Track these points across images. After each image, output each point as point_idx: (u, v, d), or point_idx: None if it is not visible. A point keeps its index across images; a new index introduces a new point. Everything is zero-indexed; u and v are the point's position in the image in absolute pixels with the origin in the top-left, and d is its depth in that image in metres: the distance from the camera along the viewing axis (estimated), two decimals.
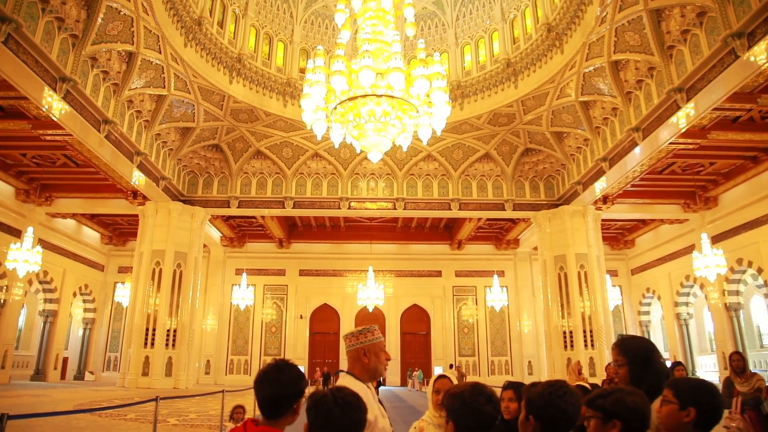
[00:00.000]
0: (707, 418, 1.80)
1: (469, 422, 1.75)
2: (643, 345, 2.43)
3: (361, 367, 2.46)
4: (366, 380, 2.43)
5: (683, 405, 1.78)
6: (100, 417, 11.81)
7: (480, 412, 1.75)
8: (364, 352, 2.46)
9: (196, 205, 22.13)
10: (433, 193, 22.54)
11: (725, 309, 22.52)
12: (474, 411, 1.75)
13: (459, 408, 1.77)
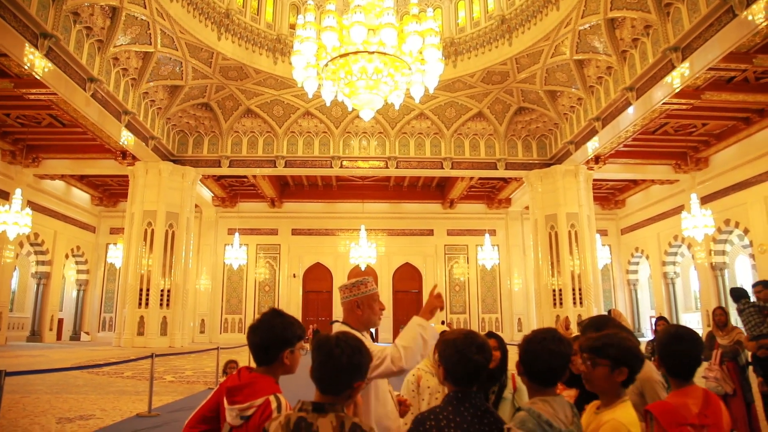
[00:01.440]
0: None
1: (458, 369, 1.79)
2: (598, 321, 2.57)
3: (355, 318, 2.52)
4: (360, 330, 2.49)
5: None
6: (98, 375, 11.99)
7: (470, 360, 1.79)
8: (358, 304, 2.52)
9: (186, 165, 21.94)
10: (426, 151, 22.45)
11: (711, 268, 22.90)
12: (464, 359, 1.79)
13: (450, 355, 1.81)
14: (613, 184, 27.74)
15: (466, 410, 1.74)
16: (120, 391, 9.63)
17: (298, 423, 1.59)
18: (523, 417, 1.72)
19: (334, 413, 1.61)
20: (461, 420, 1.71)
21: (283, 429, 1.59)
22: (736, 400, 5.35)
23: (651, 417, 1.84)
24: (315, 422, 1.58)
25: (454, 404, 1.76)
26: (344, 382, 1.66)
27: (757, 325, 4.96)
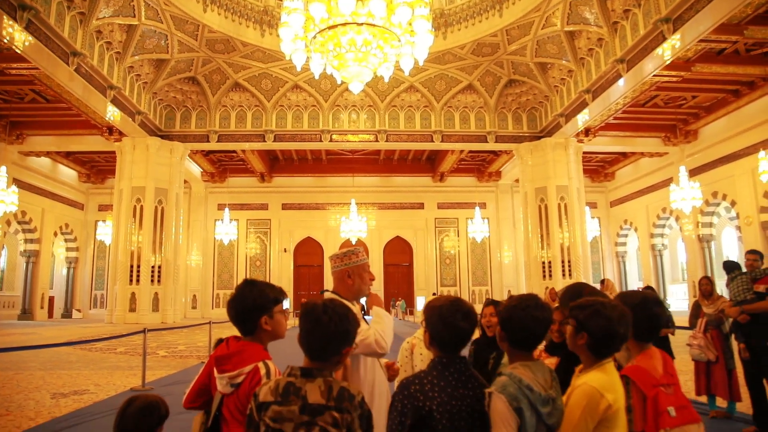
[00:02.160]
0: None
1: (443, 335, 1.82)
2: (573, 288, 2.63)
3: (345, 288, 2.55)
4: (350, 299, 2.52)
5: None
6: (90, 351, 12.04)
7: (455, 327, 1.81)
8: (348, 274, 2.56)
9: (174, 140, 21.71)
10: (416, 124, 22.35)
11: (698, 240, 23.19)
12: (449, 325, 1.81)
13: (436, 321, 1.83)
14: (603, 157, 27.82)
15: (450, 375, 1.78)
16: (113, 366, 9.68)
17: (287, 388, 1.61)
18: (505, 381, 1.74)
19: (323, 378, 1.64)
20: (445, 384, 1.75)
21: (273, 394, 1.61)
22: (718, 367, 5.49)
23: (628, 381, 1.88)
24: (303, 387, 1.61)
25: (439, 369, 1.79)
26: (332, 348, 1.68)
27: (742, 292, 5.06)
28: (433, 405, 1.70)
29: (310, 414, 1.57)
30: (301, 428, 1.56)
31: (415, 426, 1.70)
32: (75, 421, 5.53)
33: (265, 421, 1.58)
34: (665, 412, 1.88)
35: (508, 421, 1.67)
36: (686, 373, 7.06)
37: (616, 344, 1.85)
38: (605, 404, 1.71)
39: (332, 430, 1.56)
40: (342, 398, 1.61)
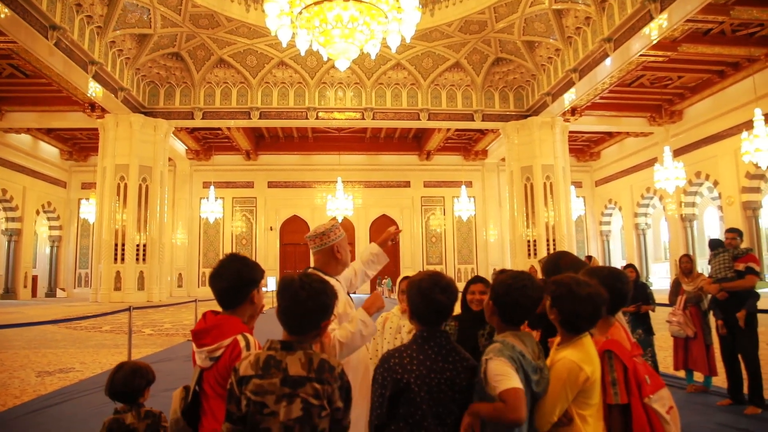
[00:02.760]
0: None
1: (422, 309, 1.86)
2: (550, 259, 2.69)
3: (335, 263, 2.57)
4: (337, 274, 2.56)
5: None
6: (76, 330, 12.00)
7: (434, 300, 1.84)
8: (337, 249, 2.58)
9: (158, 117, 21.41)
10: (402, 102, 22.24)
11: (681, 219, 23.52)
12: (428, 300, 1.84)
13: (415, 295, 1.87)
14: (589, 136, 27.95)
15: (430, 348, 1.81)
16: (99, 344, 9.67)
17: (267, 361, 1.62)
18: (499, 347, 1.79)
19: (303, 350, 1.65)
20: (424, 357, 1.78)
21: (253, 367, 1.62)
22: (696, 343, 5.62)
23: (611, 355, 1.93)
24: (284, 360, 1.62)
25: (419, 343, 1.83)
26: (311, 322, 1.70)
27: (722, 269, 5.16)
28: (411, 378, 1.73)
29: (292, 386, 1.59)
30: (282, 400, 1.57)
31: (394, 398, 1.73)
32: (61, 398, 5.54)
33: (246, 394, 1.59)
34: (644, 381, 1.95)
35: (511, 372, 1.69)
36: (666, 349, 7.22)
37: (583, 323, 1.89)
38: (584, 377, 1.78)
39: (313, 401, 1.58)
40: (323, 370, 1.63)
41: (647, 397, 1.92)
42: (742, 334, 4.96)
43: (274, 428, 1.56)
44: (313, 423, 1.58)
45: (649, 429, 1.87)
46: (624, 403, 1.89)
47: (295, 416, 1.56)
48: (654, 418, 1.90)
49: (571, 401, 1.79)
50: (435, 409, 1.75)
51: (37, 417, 4.88)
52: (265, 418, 1.57)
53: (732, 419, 4.58)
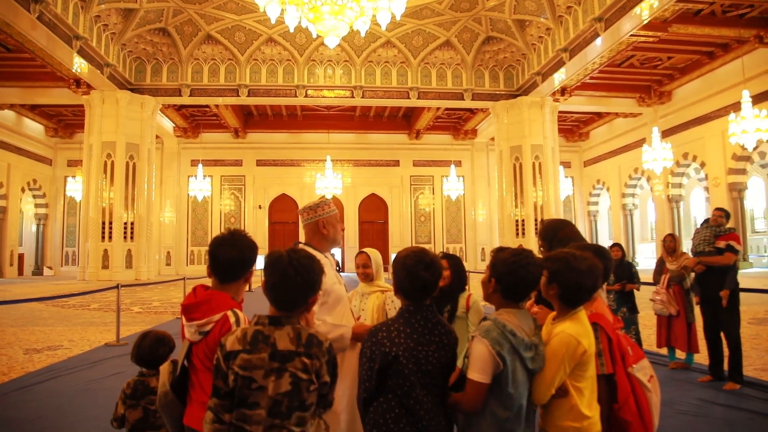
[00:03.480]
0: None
1: (407, 285, 1.90)
2: (552, 225, 2.66)
3: (320, 238, 2.57)
4: (324, 250, 2.56)
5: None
6: (63, 308, 11.96)
7: (418, 277, 1.88)
8: (323, 224, 2.57)
9: (145, 94, 21.11)
10: (392, 81, 22.08)
11: (668, 200, 23.75)
12: (413, 276, 1.89)
13: (400, 271, 1.91)
14: (578, 117, 27.98)
15: (416, 322, 1.85)
16: (87, 322, 9.67)
17: (255, 336, 1.63)
18: (488, 326, 1.83)
19: (291, 325, 1.65)
20: (411, 331, 1.82)
21: (240, 342, 1.62)
22: (678, 321, 5.73)
23: (597, 328, 2.01)
24: (272, 334, 1.63)
25: (405, 317, 1.87)
26: (299, 299, 1.71)
27: (703, 243, 5.25)
28: (399, 350, 1.77)
29: (280, 360, 1.60)
30: (271, 375, 1.59)
31: (383, 370, 1.77)
32: (49, 375, 5.55)
33: (234, 369, 1.60)
34: (627, 352, 2.04)
35: (485, 364, 1.75)
36: (650, 327, 7.35)
37: (585, 295, 1.95)
38: (582, 350, 1.84)
39: (302, 375, 1.60)
40: (311, 344, 1.64)
41: (630, 367, 2.01)
42: (723, 312, 5.06)
43: (263, 403, 1.58)
44: (301, 397, 1.60)
45: (632, 396, 1.96)
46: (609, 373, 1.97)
47: (284, 390, 1.58)
48: (637, 386, 1.99)
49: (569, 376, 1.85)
50: (422, 380, 1.79)
51: (25, 394, 4.90)
52: (253, 393, 1.58)
53: (712, 395, 4.70)
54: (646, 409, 1.98)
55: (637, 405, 1.97)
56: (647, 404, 1.99)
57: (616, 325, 2.12)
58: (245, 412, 1.59)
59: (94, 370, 5.84)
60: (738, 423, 3.94)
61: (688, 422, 3.98)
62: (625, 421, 1.94)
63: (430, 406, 1.79)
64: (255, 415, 1.58)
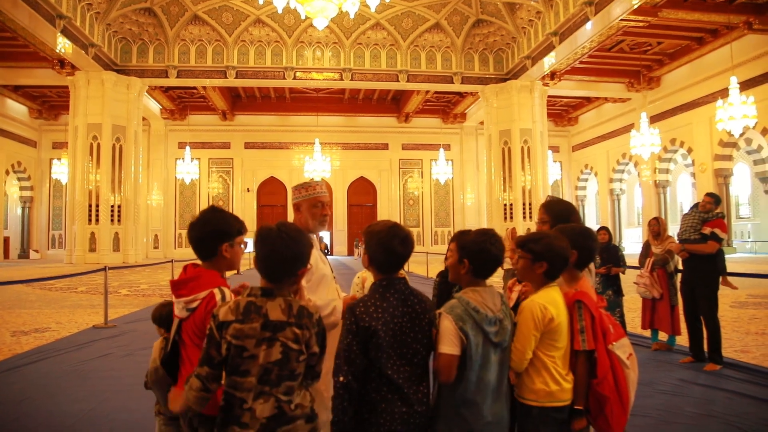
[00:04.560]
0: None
1: (381, 258, 1.94)
2: (566, 206, 2.69)
3: (302, 218, 2.60)
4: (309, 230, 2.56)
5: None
6: (50, 291, 11.90)
7: (393, 251, 1.93)
8: (297, 207, 2.61)
9: (131, 75, 20.82)
10: (381, 63, 21.95)
11: (655, 186, 23.95)
12: (387, 250, 1.93)
13: (374, 245, 1.94)
14: (567, 101, 28.03)
15: (391, 295, 1.89)
16: (74, 305, 9.63)
17: (247, 306, 1.67)
18: (453, 303, 1.91)
19: (282, 297, 1.71)
20: (387, 305, 1.87)
21: (233, 312, 1.66)
22: (662, 304, 5.82)
23: (581, 305, 2.08)
24: (264, 305, 1.67)
25: (380, 291, 1.91)
26: (289, 270, 1.76)
27: (689, 230, 5.31)
28: (378, 324, 1.82)
29: (272, 330, 1.65)
30: (263, 344, 1.63)
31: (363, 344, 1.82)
32: (37, 357, 5.54)
33: (227, 338, 1.64)
34: (608, 330, 2.11)
35: (452, 337, 1.85)
36: (634, 310, 7.47)
37: (566, 266, 2.10)
38: (549, 316, 1.95)
39: (293, 345, 1.65)
40: (302, 315, 1.69)
41: (611, 344, 2.08)
42: (702, 296, 5.15)
43: (253, 370, 1.63)
44: (291, 366, 1.65)
45: (611, 372, 2.05)
46: (590, 349, 2.05)
47: (275, 359, 1.63)
48: (616, 363, 2.07)
49: (540, 344, 1.97)
50: (400, 351, 1.86)
51: (13, 375, 4.89)
52: (245, 361, 1.63)
53: (692, 375, 4.80)
54: (623, 385, 2.06)
55: (615, 381, 2.05)
56: (625, 381, 2.07)
57: (599, 304, 2.19)
58: (236, 380, 1.64)
59: (82, 352, 5.83)
60: (717, 402, 4.03)
61: (669, 401, 4.07)
62: (602, 395, 2.02)
63: (408, 375, 1.86)
64: (246, 383, 1.63)
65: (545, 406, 1.98)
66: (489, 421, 1.89)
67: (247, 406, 1.62)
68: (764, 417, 3.66)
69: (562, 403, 2.00)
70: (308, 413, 1.70)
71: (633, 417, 3.20)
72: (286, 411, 1.63)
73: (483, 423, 1.88)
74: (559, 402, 1.99)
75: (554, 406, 1.98)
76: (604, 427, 2.05)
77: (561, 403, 1.99)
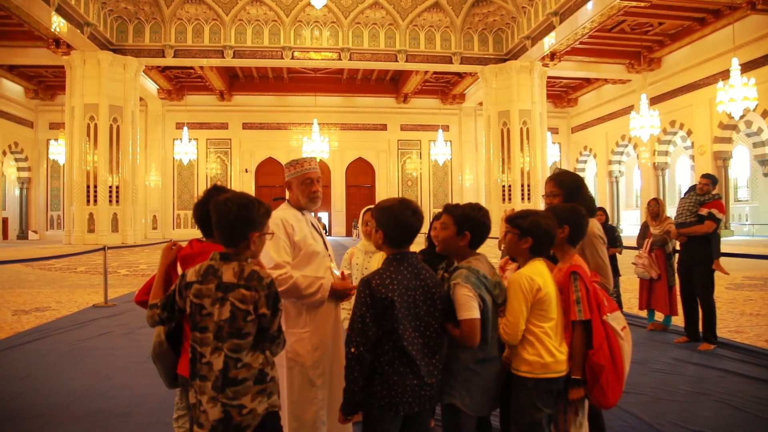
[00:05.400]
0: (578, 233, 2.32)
1: (395, 232, 2.02)
2: (575, 178, 2.75)
3: (293, 195, 2.63)
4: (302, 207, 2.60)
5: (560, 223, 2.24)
6: (50, 271, 11.94)
7: (406, 223, 2.01)
8: (289, 185, 2.63)
9: (127, 55, 20.63)
10: (380, 43, 21.76)
11: (653, 168, 23.92)
12: (401, 222, 2.01)
13: (388, 219, 2.02)
14: (567, 82, 27.86)
15: (405, 269, 1.98)
16: (74, 284, 9.67)
17: (207, 269, 1.83)
18: (466, 273, 2.03)
19: (237, 261, 1.85)
20: (402, 278, 1.95)
21: (196, 274, 1.84)
22: (660, 284, 5.86)
23: (577, 276, 2.16)
24: (220, 268, 1.83)
25: (395, 265, 1.99)
26: (238, 234, 1.87)
27: (685, 213, 5.32)
28: (394, 296, 1.91)
29: (224, 291, 1.80)
30: (216, 303, 1.79)
31: (377, 316, 1.90)
32: (38, 335, 5.58)
33: (190, 298, 1.81)
34: (602, 302, 2.20)
35: (473, 303, 1.97)
36: (630, 291, 7.52)
37: (551, 244, 2.18)
38: (536, 285, 2.04)
39: (240, 305, 1.78)
40: (251, 278, 1.82)
41: (605, 315, 2.16)
42: (699, 277, 5.19)
43: (210, 327, 1.78)
44: (238, 324, 1.78)
45: (606, 343, 2.12)
46: (586, 320, 2.13)
47: (225, 317, 1.78)
48: (611, 334, 2.15)
49: (531, 315, 2.06)
50: (414, 323, 1.94)
51: (15, 353, 4.94)
52: (204, 318, 1.80)
53: (686, 354, 4.86)
54: (618, 355, 2.14)
55: (610, 351, 2.12)
56: (620, 351, 2.15)
57: (593, 278, 2.26)
58: (197, 335, 1.80)
59: (83, 330, 5.88)
60: (709, 380, 4.10)
61: (663, 379, 4.13)
62: (598, 365, 2.09)
63: (420, 347, 1.94)
64: (205, 338, 1.79)
65: (540, 377, 2.05)
66: (498, 371, 2.08)
67: (205, 360, 1.78)
68: (756, 395, 3.72)
69: (557, 375, 2.07)
70: (256, 374, 1.80)
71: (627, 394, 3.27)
72: (230, 366, 1.76)
73: (495, 375, 2.07)
74: (553, 373, 2.06)
75: (549, 378, 2.06)
76: (600, 398, 2.13)
77: (555, 374, 2.07)
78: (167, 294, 1.90)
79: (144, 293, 2.23)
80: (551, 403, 2.09)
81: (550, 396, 2.08)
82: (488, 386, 2.05)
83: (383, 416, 1.92)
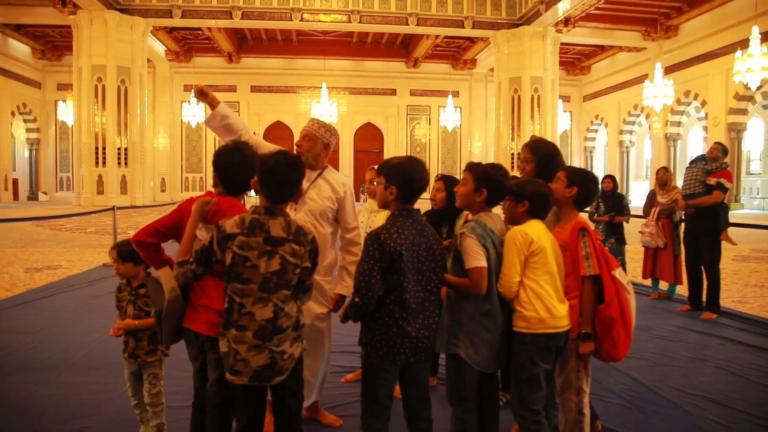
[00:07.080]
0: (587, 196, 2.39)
1: (407, 188, 2.11)
2: (550, 146, 2.73)
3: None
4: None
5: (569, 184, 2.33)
6: (61, 231, 12.09)
7: (414, 179, 2.11)
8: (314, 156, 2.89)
9: (134, 15, 20.37)
10: (391, 6, 21.34)
11: (665, 139, 23.62)
12: (412, 179, 2.11)
13: (401, 176, 2.10)
14: (581, 49, 27.31)
15: (410, 225, 2.07)
16: (85, 244, 9.81)
17: (252, 222, 1.88)
18: (473, 225, 2.13)
19: (283, 217, 1.92)
20: (408, 233, 2.04)
21: (239, 227, 1.87)
22: (665, 253, 5.88)
23: (585, 233, 2.24)
24: (267, 222, 1.89)
25: (401, 220, 2.07)
26: (287, 192, 1.96)
27: (693, 184, 5.29)
28: (402, 249, 2.00)
29: (273, 244, 1.87)
30: (264, 256, 1.86)
31: (384, 269, 1.99)
32: (50, 292, 5.71)
33: (233, 249, 1.85)
34: (609, 257, 2.29)
35: (479, 251, 2.06)
36: (636, 260, 7.55)
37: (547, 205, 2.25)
38: (529, 238, 2.12)
39: (290, 258, 1.88)
40: (299, 233, 1.92)
41: (613, 270, 2.25)
42: (705, 247, 5.19)
43: (254, 279, 1.85)
44: (287, 276, 1.88)
45: (616, 297, 2.21)
46: (596, 274, 2.20)
47: (273, 270, 1.86)
48: (619, 288, 2.24)
49: (526, 269, 2.13)
50: (417, 277, 2.04)
51: (28, 308, 5.06)
52: (247, 270, 1.85)
53: (689, 323, 4.92)
54: (626, 308, 2.23)
55: (619, 304, 2.21)
56: (627, 305, 2.24)
57: (596, 236, 2.34)
58: (238, 286, 1.85)
59: (94, 288, 6.00)
60: (710, 347, 4.15)
61: (664, 345, 4.19)
62: (610, 318, 2.18)
63: (421, 300, 2.05)
64: (247, 289, 1.84)
65: (537, 332, 2.12)
66: (503, 324, 2.14)
67: (245, 310, 1.84)
68: (755, 362, 3.77)
69: (555, 330, 2.13)
70: (294, 322, 1.92)
71: (630, 359, 3.33)
72: (278, 315, 1.86)
73: (499, 327, 2.12)
74: (551, 329, 2.12)
75: (547, 333, 2.12)
76: (611, 350, 2.22)
77: (553, 329, 2.13)
78: (200, 249, 1.91)
79: (145, 234, 2.22)
80: (549, 359, 2.16)
81: (548, 352, 2.14)
82: (494, 340, 2.11)
83: (382, 365, 2.05)
